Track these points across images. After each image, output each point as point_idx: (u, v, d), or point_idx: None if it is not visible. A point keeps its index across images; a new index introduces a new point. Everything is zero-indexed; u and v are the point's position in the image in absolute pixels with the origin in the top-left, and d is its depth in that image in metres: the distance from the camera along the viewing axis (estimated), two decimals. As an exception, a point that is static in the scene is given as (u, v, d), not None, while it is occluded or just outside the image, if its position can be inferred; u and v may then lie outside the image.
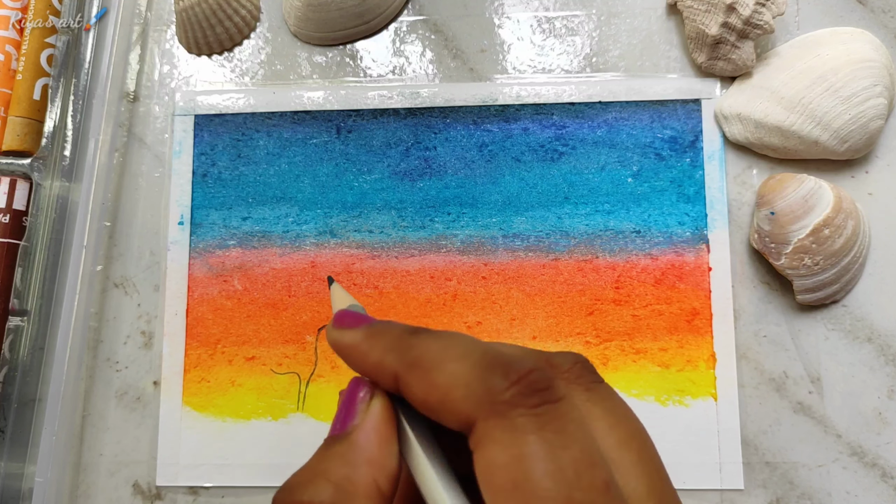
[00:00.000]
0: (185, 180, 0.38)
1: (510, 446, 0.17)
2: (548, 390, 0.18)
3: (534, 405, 0.17)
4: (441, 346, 0.19)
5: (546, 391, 0.18)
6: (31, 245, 0.36)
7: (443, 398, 0.18)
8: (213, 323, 0.37)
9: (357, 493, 0.18)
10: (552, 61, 0.38)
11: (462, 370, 0.18)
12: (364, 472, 0.19)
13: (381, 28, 0.39)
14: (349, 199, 0.38)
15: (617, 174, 0.37)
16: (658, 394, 0.35)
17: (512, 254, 0.36)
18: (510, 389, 0.18)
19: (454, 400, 0.18)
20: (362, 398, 0.20)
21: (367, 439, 0.19)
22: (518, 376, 0.18)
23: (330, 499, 0.18)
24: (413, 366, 0.19)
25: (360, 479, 0.19)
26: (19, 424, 0.35)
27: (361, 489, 0.19)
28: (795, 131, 0.35)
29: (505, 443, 0.17)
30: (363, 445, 0.19)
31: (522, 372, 0.18)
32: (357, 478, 0.19)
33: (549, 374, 0.18)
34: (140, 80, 0.40)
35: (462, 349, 0.19)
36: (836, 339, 0.35)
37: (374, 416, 0.20)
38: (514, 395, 0.17)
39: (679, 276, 0.36)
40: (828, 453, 0.34)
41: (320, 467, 0.19)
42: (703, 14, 0.35)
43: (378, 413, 0.20)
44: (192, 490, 0.36)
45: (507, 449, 0.17)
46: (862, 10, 0.37)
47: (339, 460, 0.19)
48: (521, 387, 0.18)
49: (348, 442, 0.19)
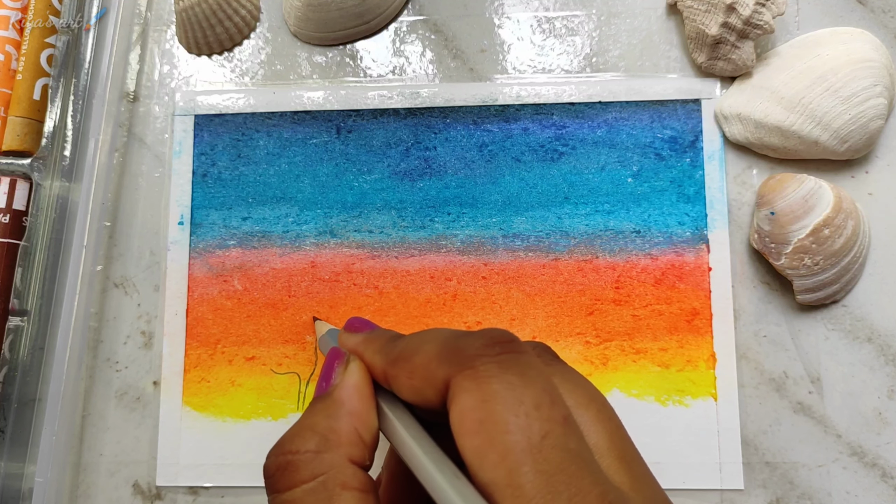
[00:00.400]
0: (185, 180, 0.38)
1: (476, 390, 0.18)
2: (510, 343, 0.20)
3: (497, 353, 0.19)
4: (418, 338, 0.21)
5: (508, 343, 0.20)
6: (31, 245, 0.36)
7: (422, 374, 0.20)
8: (213, 323, 0.37)
9: (340, 440, 0.20)
10: (552, 61, 0.38)
11: (435, 346, 0.20)
12: (346, 422, 0.21)
13: (381, 28, 0.39)
14: (349, 199, 0.38)
15: (617, 174, 0.37)
16: (658, 394, 0.35)
17: (512, 254, 0.36)
18: (476, 344, 0.19)
19: (431, 371, 0.20)
20: (340, 363, 0.23)
21: (347, 395, 0.21)
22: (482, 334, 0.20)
23: (316, 447, 0.20)
24: (396, 360, 0.21)
25: (342, 429, 0.21)
26: (19, 424, 0.35)
27: (344, 437, 0.20)
28: (795, 131, 0.35)
29: (471, 389, 0.18)
30: (344, 400, 0.21)
31: (486, 331, 0.20)
32: (340, 427, 0.21)
33: (512, 336, 0.20)
34: (140, 80, 0.40)
35: (435, 334, 0.21)
36: (836, 339, 0.35)
37: (352, 376, 0.22)
38: (479, 348, 0.19)
39: (679, 276, 0.36)
40: (828, 453, 0.34)
41: (307, 422, 0.21)
42: (703, 14, 0.35)
43: (355, 373, 0.22)
44: (192, 490, 0.36)
45: (473, 393, 0.18)
46: (862, 10, 0.37)
47: (322, 414, 0.21)
48: (486, 340, 0.20)
49: (330, 399, 0.22)
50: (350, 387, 0.22)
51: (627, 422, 0.21)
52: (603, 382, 0.35)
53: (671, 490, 0.34)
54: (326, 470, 0.20)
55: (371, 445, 0.21)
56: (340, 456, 0.20)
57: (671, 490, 0.34)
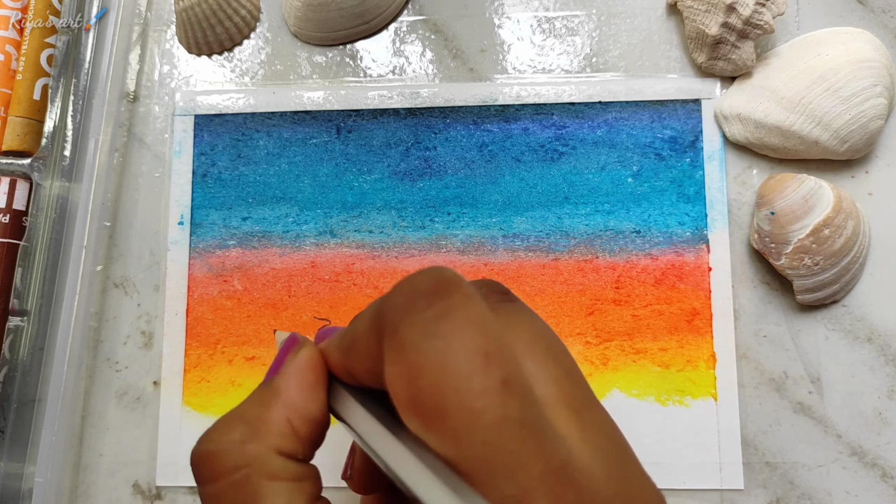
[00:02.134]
0: (185, 180, 0.38)
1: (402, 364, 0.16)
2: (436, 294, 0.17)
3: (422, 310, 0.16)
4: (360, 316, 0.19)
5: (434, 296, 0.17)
6: (31, 245, 0.36)
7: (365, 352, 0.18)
8: (213, 323, 0.37)
9: (269, 430, 0.19)
10: (552, 61, 0.38)
11: (368, 316, 0.18)
12: (277, 411, 0.19)
13: (381, 28, 0.39)
14: (349, 199, 0.37)
15: (617, 174, 0.37)
16: (658, 394, 0.35)
17: (512, 254, 0.36)
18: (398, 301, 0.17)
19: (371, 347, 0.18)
20: (292, 351, 0.21)
21: (285, 383, 0.20)
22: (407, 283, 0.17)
23: (240, 436, 0.19)
24: (347, 349, 0.19)
25: (272, 418, 0.19)
26: (19, 424, 0.35)
27: (274, 427, 0.19)
28: (795, 131, 0.35)
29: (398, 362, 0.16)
30: (280, 388, 0.20)
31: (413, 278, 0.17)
32: (270, 416, 0.19)
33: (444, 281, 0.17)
34: (140, 80, 0.40)
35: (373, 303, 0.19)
36: (836, 339, 0.35)
37: (296, 363, 0.20)
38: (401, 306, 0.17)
39: (679, 276, 0.36)
40: (828, 453, 0.34)
41: (237, 411, 0.19)
42: (703, 14, 0.35)
43: (301, 360, 0.20)
44: (192, 490, 0.36)
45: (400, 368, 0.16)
46: (862, 10, 0.37)
47: (255, 402, 0.20)
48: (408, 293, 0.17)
49: (268, 386, 0.20)
50: (290, 375, 0.20)
51: (627, 422, 0.21)
52: (603, 382, 0.35)
53: (671, 490, 0.34)
54: (250, 462, 0.18)
55: (307, 436, 0.19)
56: (267, 447, 0.18)
57: (671, 490, 0.34)
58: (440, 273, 0.17)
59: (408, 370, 0.16)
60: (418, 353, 0.16)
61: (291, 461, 0.19)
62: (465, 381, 0.16)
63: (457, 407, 0.16)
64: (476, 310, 0.17)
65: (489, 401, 0.16)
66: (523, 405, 0.16)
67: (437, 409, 0.16)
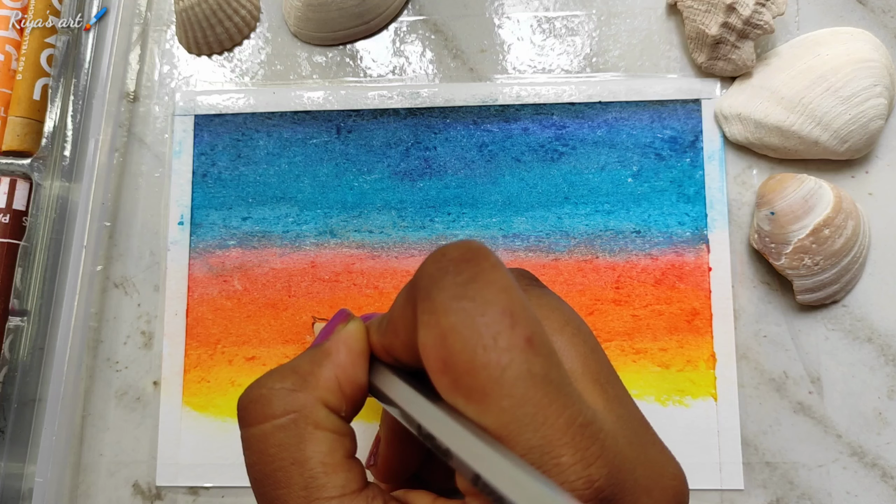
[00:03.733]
0: (185, 180, 0.38)
1: (434, 326, 0.17)
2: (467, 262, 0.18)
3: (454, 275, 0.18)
4: (395, 300, 0.20)
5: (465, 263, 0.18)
6: (31, 245, 0.36)
7: (402, 325, 0.19)
8: (213, 323, 0.37)
9: (318, 384, 0.20)
10: (552, 61, 0.38)
11: (405, 290, 0.19)
12: (328, 369, 0.20)
13: (381, 28, 0.39)
14: (349, 199, 0.37)
15: (617, 174, 0.37)
16: (658, 394, 0.35)
17: (512, 254, 0.36)
18: (430, 270, 0.18)
19: (406, 318, 0.19)
20: (340, 321, 0.22)
21: (336, 348, 0.21)
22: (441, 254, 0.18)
23: (292, 385, 0.20)
24: (386, 329, 0.20)
25: (322, 374, 0.20)
26: (19, 424, 0.35)
27: (322, 381, 0.20)
28: (795, 131, 0.35)
29: (430, 324, 0.17)
30: (331, 350, 0.21)
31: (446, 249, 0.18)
32: (320, 372, 0.20)
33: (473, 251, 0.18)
34: (140, 80, 0.40)
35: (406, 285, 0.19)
36: (836, 339, 0.35)
37: (346, 332, 0.21)
38: (434, 273, 0.18)
39: (679, 276, 0.36)
40: (828, 453, 0.34)
41: (289, 364, 0.21)
42: (703, 14, 0.35)
43: (351, 331, 0.21)
44: (192, 490, 0.36)
45: (432, 330, 0.17)
46: (862, 10, 0.37)
47: (306, 359, 0.21)
48: (442, 262, 0.18)
49: (319, 348, 0.21)
50: (340, 342, 0.21)
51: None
52: (603, 382, 0.35)
53: (671, 490, 0.34)
54: (299, 408, 0.19)
55: (351, 398, 0.20)
56: (315, 397, 0.19)
57: (671, 490, 0.34)
58: (469, 243, 0.18)
59: (439, 331, 0.17)
60: (448, 314, 0.17)
61: (335, 415, 0.20)
62: (491, 339, 0.16)
63: (484, 363, 0.16)
64: (502, 275, 0.18)
65: (514, 356, 0.16)
66: (547, 363, 0.17)
67: (465, 367, 0.17)
